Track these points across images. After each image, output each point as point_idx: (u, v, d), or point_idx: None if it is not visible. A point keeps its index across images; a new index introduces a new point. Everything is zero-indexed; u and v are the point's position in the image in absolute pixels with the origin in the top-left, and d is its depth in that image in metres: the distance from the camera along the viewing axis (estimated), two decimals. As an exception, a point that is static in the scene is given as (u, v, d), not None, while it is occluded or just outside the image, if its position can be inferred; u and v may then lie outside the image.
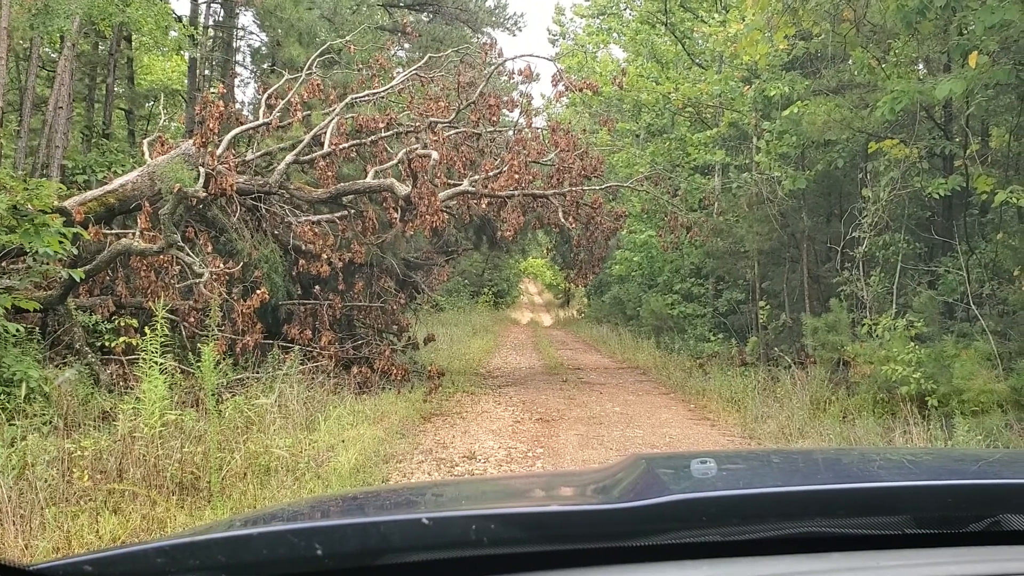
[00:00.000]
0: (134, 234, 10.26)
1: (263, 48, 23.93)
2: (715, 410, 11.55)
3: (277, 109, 12.66)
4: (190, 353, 8.42)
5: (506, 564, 1.13)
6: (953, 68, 10.09)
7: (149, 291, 9.96)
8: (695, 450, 8.96)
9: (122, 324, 9.73)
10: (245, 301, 10.27)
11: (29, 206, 7.75)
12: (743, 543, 1.15)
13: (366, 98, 13.43)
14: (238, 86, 25.38)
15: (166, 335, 7.20)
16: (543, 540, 1.16)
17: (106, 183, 11.69)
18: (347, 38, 15.45)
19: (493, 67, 14.42)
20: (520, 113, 14.95)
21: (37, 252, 7.67)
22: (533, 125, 15.08)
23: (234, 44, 24.38)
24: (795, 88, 13.07)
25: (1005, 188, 8.68)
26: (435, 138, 12.60)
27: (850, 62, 12.14)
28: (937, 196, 10.77)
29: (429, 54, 15.41)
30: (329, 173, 12.04)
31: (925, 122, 11.59)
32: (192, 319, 9.98)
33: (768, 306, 14.85)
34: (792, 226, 14.47)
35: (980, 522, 1.17)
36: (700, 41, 20.13)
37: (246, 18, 24.27)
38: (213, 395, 6.99)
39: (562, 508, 1.36)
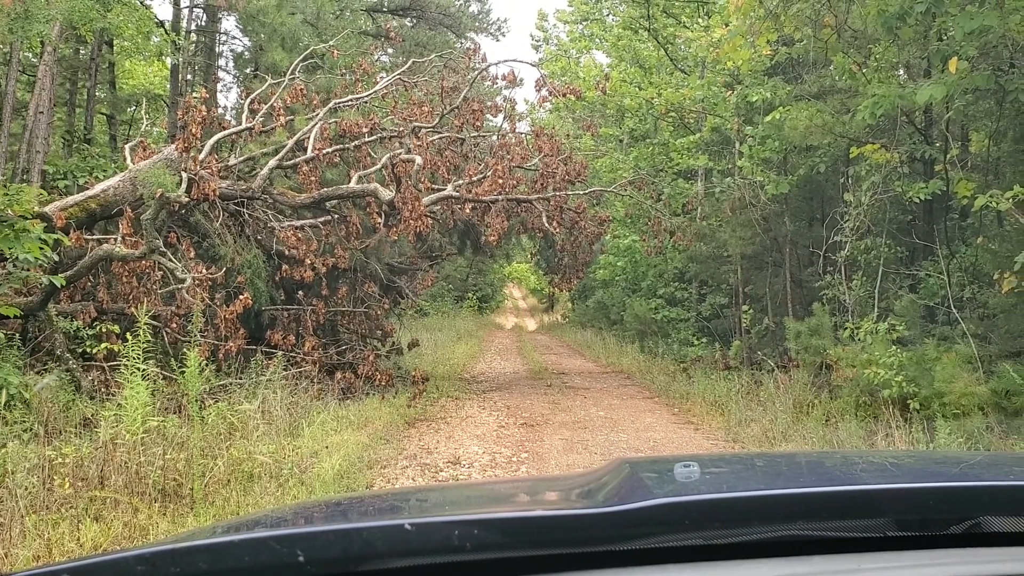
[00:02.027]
0: (116, 240, 10.20)
1: (246, 53, 23.85)
2: (699, 414, 11.58)
3: (260, 114, 12.61)
4: (172, 359, 8.38)
5: (490, 569, 1.13)
6: (933, 73, 10.18)
7: (131, 297, 9.91)
8: (679, 454, 8.96)
9: (104, 330, 9.66)
10: (228, 307, 10.21)
11: (9, 211, 7.70)
12: (726, 546, 1.15)
13: (349, 103, 13.41)
14: (221, 91, 25.25)
15: (148, 341, 7.17)
16: (527, 545, 1.16)
17: (87, 188, 11.63)
18: (330, 43, 15.44)
19: (477, 72, 14.43)
20: (504, 118, 14.98)
21: (17, 258, 7.62)
22: (517, 130, 15.12)
23: (217, 49, 24.29)
24: (777, 93, 13.15)
25: (985, 192, 8.75)
26: (419, 143, 12.59)
27: (831, 67, 12.21)
28: (918, 200, 10.85)
29: (412, 59, 15.42)
30: (312, 178, 12.01)
31: (906, 127, 11.67)
32: (174, 325, 9.92)
33: (751, 310, 14.91)
34: (775, 230, 14.54)
35: (961, 524, 1.18)
36: (683, 47, 20.20)
37: (228, 23, 24.20)
38: (196, 401, 6.96)
39: (546, 513, 1.36)
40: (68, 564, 1.15)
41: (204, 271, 10.13)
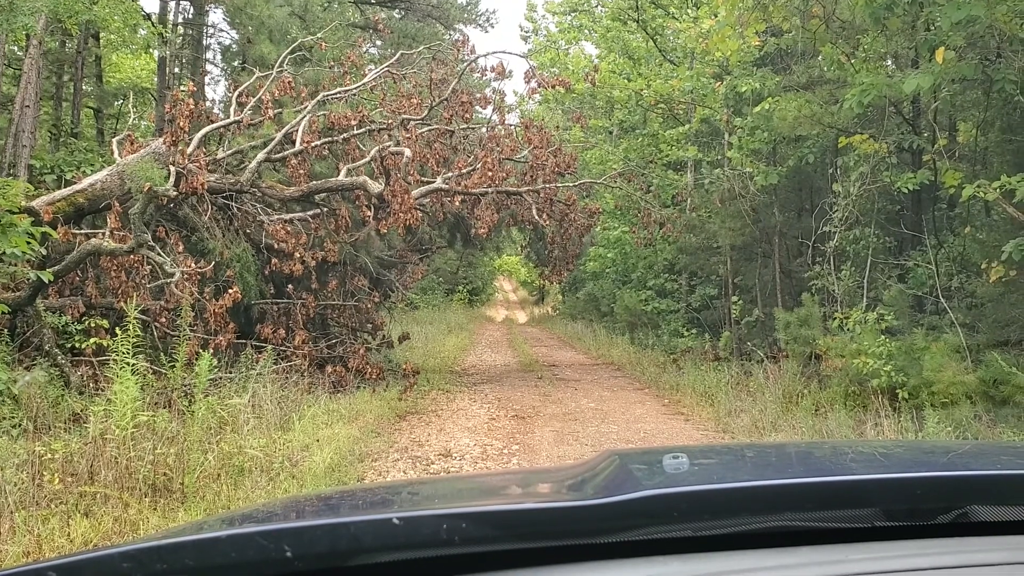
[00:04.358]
0: (104, 234, 10.14)
1: (233, 46, 23.73)
2: (689, 405, 11.61)
3: (248, 107, 12.55)
4: (162, 354, 8.35)
5: (479, 562, 1.13)
6: (921, 63, 10.20)
7: (120, 291, 9.85)
8: (669, 445, 8.99)
9: (92, 325, 9.62)
10: (217, 301, 10.18)
11: (-5, 206, 7.64)
12: (715, 538, 1.15)
13: (338, 96, 13.35)
14: (208, 84, 25.16)
15: (137, 336, 7.13)
16: (515, 538, 1.15)
17: (75, 183, 11.53)
18: (318, 35, 15.37)
19: (465, 64, 14.40)
20: (493, 110, 14.96)
21: (5, 253, 7.56)
22: (506, 122, 15.09)
23: (204, 42, 24.17)
24: (766, 84, 13.16)
25: (972, 182, 8.78)
26: (408, 135, 12.55)
27: (820, 58, 12.24)
28: (906, 191, 10.89)
29: (401, 51, 15.36)
30: (301, 171, 11.97)
31: (893, 117, 11.70)
32: (163, 319, 9.88)
33: (741, 301, 14.95)
34: (764, 221, 14.57)
35: (948, 514, 1.18)
36: (672, 38, 20.20)
37: (216, 15, 24.06)
38: (186, 396, 6.94)
39: (534, 506, 1.36)
40: (54, 561, 1.14)
41: (193, 265, 10.09)
